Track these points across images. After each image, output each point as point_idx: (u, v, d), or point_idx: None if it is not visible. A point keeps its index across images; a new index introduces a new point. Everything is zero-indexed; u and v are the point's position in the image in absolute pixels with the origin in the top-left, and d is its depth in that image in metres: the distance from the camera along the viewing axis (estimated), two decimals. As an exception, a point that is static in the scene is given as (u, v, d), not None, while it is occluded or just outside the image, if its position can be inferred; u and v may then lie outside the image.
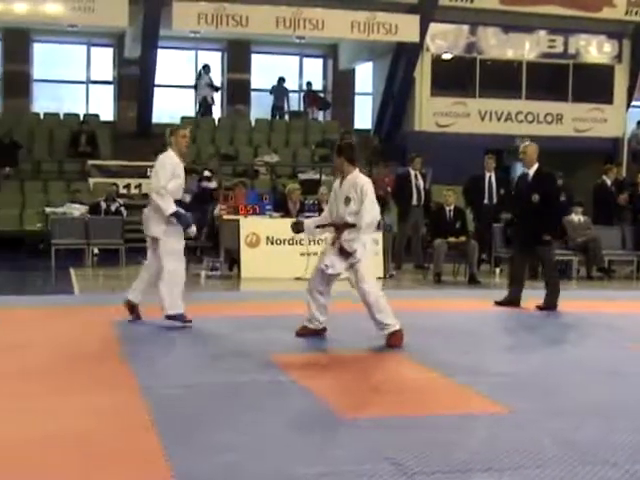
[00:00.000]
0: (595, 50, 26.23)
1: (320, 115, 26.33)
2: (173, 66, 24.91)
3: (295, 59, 26.69)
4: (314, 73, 26.62)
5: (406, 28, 23.08)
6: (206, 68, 24.33)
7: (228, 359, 7.52)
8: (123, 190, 19.63)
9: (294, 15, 22.31)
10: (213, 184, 18.24)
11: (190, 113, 24.74)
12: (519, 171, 26.18)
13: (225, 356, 7.64)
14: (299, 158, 23.51)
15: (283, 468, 4.63)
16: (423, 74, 24.63)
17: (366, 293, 8.03)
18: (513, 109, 25.34)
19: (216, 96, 25.12)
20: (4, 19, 21.52)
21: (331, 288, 8.43)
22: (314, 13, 22.51)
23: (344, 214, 8.14)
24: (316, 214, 13.62)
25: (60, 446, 4.97)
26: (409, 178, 16.21)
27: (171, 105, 24.96)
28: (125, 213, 17.50)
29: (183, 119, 24.20)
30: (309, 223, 8.84)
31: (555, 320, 10.37)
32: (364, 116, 26.59)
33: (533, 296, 10.99)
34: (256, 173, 22.03)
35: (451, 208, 14.64)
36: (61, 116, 23.80)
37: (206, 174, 18.55)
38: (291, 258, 13.74)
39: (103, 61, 25.07)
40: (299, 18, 22.37)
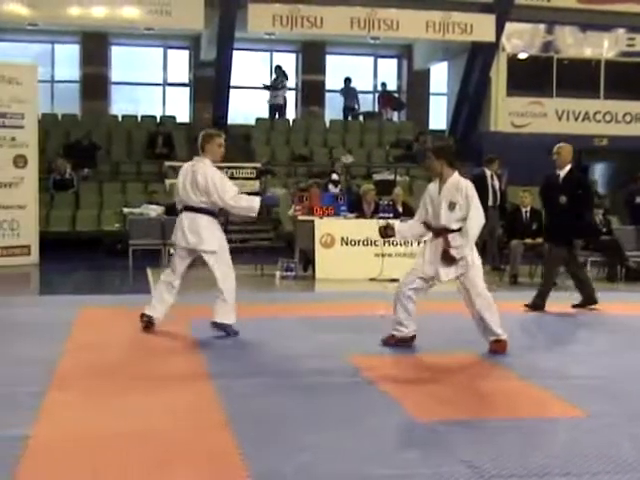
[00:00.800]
0: (675, 48, 25.73)
1: (395, 116, 26.25)
2: (248, 67, 25.05)
3: (369, 60, 26.67)
4: (388, 73, 26.57)
5: (481, 27, 22.91)
6: (279, 69, 24.42)
7: (304, 359, 7.53)
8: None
9: (368, 16, 22.28)
10: (337, 189, 18.08)
11: (265, 114, 24.86)
12: (597, 172, 26.10)
13: (301, 356, 7.66)
14: (373, 159, 23.48)
15: (359, 469, 4.62)
16: (499, 74, 24.42)
17: (482, 300, 7.75)
18: (591, 109, 24.97)
19: (289, 97, 25.19)
20: (83, 23, 21.90)
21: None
22: (388, 13, 22.46)
23: (449, 220, 7.74)
24: (391, 215, 13.61)
25: (136, 443, 5.03)
26: (485, 179, 16.05)
27: (246, 106, 25.13)
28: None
29: (258, 120, 24.40)
30: (403, 229, 8.36)
31: (633, 323, 10.19)
32: (439, 116, 26.45)
33: (618, 299, 10.85)
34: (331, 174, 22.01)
35: (527, 209, 14.47)
36: (138, 118, 24.11)
37: (334, 177, 18.50)
38: (366, 259, 13.72)
39: (179, 63, 25.34)
40: (373, 19, 22.34)
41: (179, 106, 25.09)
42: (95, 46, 24.16)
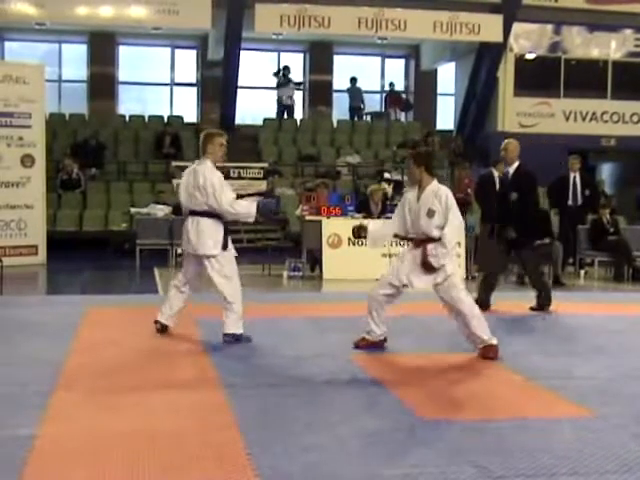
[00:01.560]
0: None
1: (402, 116, 26.25)
2: (256, 68, 25.07)
3: (377, 60, 26.69)
4: (396, 74, 26.58)
5: (489, 28, 22.91)
6: (286, 69, 24.43)
7: (311, 359, 7.53)
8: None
9: (376, 16, 22.29)
10: (390, 188, 17.99)
11: (272, 114, 24.88)
12: (605, 172, 26.06)
13: (307, 356, 7.66)
14: (381, 159, 23.47)
15: (366, 469, 4.63)
16: (506, 74, 24.41)
17: (463, 306, 7.64)
18: (598, 109, 24.95)
19: (297, 97, 25.21)
20: (90, 23, 21.96)
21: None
22: (396, 13, 22.46)
23: (428, 228, 7.67)
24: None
25: (143, 443, 5.03)
26: (492, 180, 16.01)
27: (254, 106, 25.15)
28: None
29: (265, 120, 24.42)
30: (375, 232, 8.34)
31: (636, 323, 10.17)
32: (446, 117, 26.46)
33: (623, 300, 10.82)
34: (338, 174, 22.05)
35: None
36: (146, 118, 24.14)
37: (386, 176, 18.47)
38: (373, 259, 13.69)
39: (187, 63, 25.38)
40: (381, 19, 22.35)
41: (186, 106, 25.13)
42: (103, 46, 24.22)
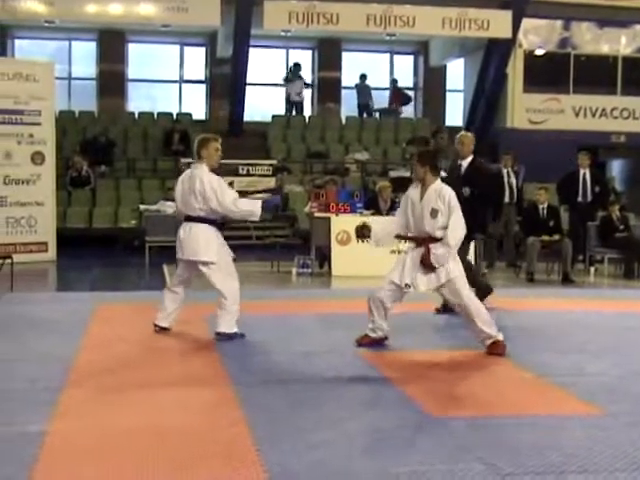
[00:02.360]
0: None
1: (410, 112, 26.18)
2: (264, 65, 25.06)
3: (385, 56, 26.64)
4: (404, 70, 26.53)
5: (498, 24, 22.85)
6: (297, 67, 24.44)
7: (319, 356, 7.54)
8: (215, 187, 19.79)
9: (384, 12, 22.27)
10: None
11: (281, 111, 24.88)
12: (614, 168, 26.00)
13: (316, 353, 7.67)
14: (390, 156, 23.46)
15: (373, 465, 4.63)
16: (515, 70, 24.35)
17: (467, 306, 7.64)
18: (608, 105, 24.86)
19: (306, 94, 25.20)
20: (100, 20, 21.96)
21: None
22: (405, 10, 22.44)
23: (431, 228, 7.68)
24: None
25: (152, 440, 5.05)
26: (501, 175, 16.01)
27: (262, 103, 25.16)
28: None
29: (274, 117, 24.42)
30: (379, 231, 8.30)
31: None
32: (455, 113, 26.39)
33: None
34: (347, 171, 22.05)
35: (544, 206, 14.42)
36: (155, 115, 24.17)
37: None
38: (382, 256, 13.65)
39: (196, 60, 25.37)
40: (390, 15, 22.33)
41: (195, 103, 25.13)
42: (112, 43, 24.23)
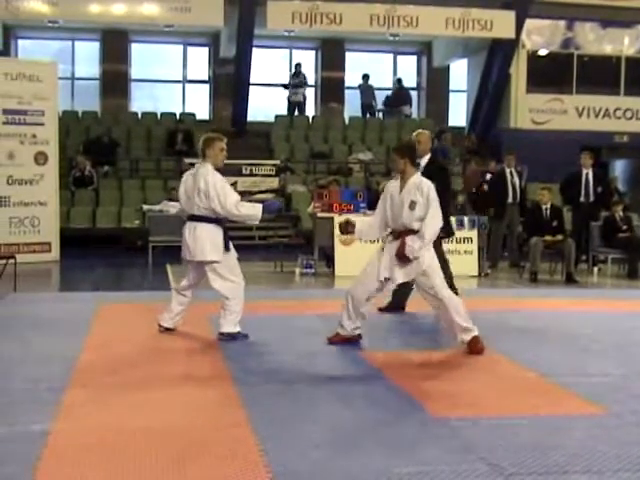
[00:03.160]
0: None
1: (413, 112, 26.17)
2: (268, 65, 25.07)
3: (389, 56, 26.64)
4: (408, 70, 26.52)
5: (501, 24, 22.85)
6: (298, 67, 24.44)
7: (322, 356, 7.54)
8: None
9: (388, 12, 22.28)
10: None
11: (284, 111, 24.89)
12: (617, 168, 25.98)
13: (319, 353, 7.67)
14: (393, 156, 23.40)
15: (377, 466, 4.63)
16: (519, 70, 24.35)
17: (442, 298, 7.64)
18: (611, 105, 24.84)
19: (309, 94, 25.20)
20: (103, 20, 21.98)
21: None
22: (408, 10, 22.44)
23: (409, 220, 7.67)
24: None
25: (156, 440, 5.04)
26: (504, 176, 16.01)
27: (266, 103, 25.16)
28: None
29: (277, 117, 24.42)
30: (363, 227, 8.25)
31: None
32: (458, 113, 26.39)
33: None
34: (350, 171, 22.05)
35: (547, 206, 14.41)
36: (158, 115, 24.17)
37: (489, 177, 18.47)
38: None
39: (199, 60, 25.40)
40: (393, 15, 22.34)
41: (199, 103, 25.15)
42: (115, 43, 24.25)
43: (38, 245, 15.77)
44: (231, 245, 8.35)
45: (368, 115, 25.39)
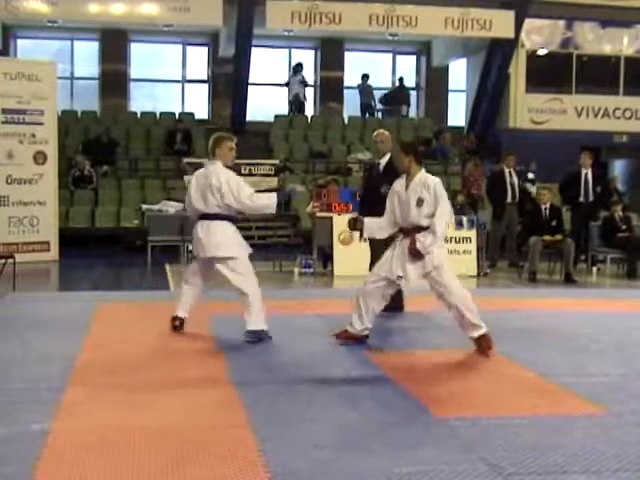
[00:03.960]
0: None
1: (412, 112, 26.17)
2: (267, 64, 25.07)
3: (388, 56, 26.64)
4: (407, 70, 26.52)
5: (501, 24, 22.86)
6: (299, 66, 24.44)
7: (322, 356, 7.53)
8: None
9: (387, 12, 22.28)
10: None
11: (283, 111, 24.89)
12: (617, 168, 26.00)
13: (319, 353, 7.66)
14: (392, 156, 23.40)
15: (377, 466, 4.62)
16: (518, 70, 24.37)
17: (457, 298, 7.64)
18: (611, 105, 24.87)
19: (308, 94, 25.20)
20: (102, 20, 21.97)
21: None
22: (407, 10, 22.45)
23: (417, 217, 7.66)
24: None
25: (156, 440, 5.04)
26: (503, 176, 16.02)
27: (265, 103, 25.16)
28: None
29: (277, 117, 24.43)
30: (372, 225, 8.18)
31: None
32: (458, 113, 26.39)
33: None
34: (349, 170, 22.04)
35: (547, 206, 14.41)
36: (157, 115, 24.17)
37: (530, 176, 18.53)
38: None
39: (198, 60, 25.40)
40: (392, 15, 22.34)
41: (198, 103, 25.15)
42: (114, 43, 24.24)
43: (37, 245, 15.77)
44: (244, 244, 8.32)
45: (367, 115, 25.39)
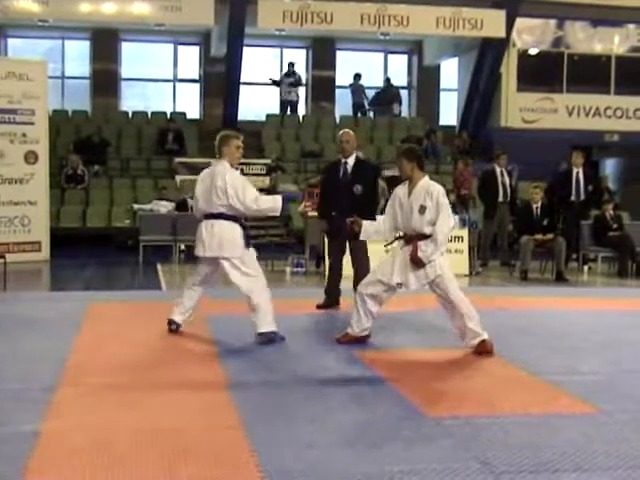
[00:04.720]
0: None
1: (403, 111, 26.18)
2: (258, 64, 25.05)
3: (379, 56, 26.64)
4: (398, 69, 26.53)
5: (492, 23, 22.87)
6: (291, 66, 24.42)
7: (314, 356, 7.54)
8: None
9: (379, 11, 22.28)
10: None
11: (275, 111, 24.87)
12: (608, 167, 26.04)
13: (311, 353, 7.66)
14: (384, 155, 23.43)
15: (370, 465, 4.63)
16: (509, 69, 24.38)
17: (458, 306, 7.64)
18: (602, 104, 24.88)
19: (301, 93, 25.18)
20: (93, 19, 21.90)
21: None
22: (399, 9, 22.43)
23: (420, 224, 7.62)
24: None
25: (148, 440, 5.03)
26: (495, 175, 16.03)
27: (256, 103, 25.14)
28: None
29: (268, 117, 24.41)
30: (370, 229, 8.12)
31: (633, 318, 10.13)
32: (449, 112, 26.39)
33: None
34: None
35: (538, 205, 14.43)
36: (149, 114, 24.12)
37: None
38: (377, 255, 13.63)
39: (189, 59, 25.35)
40: (384, 14, 22.33)
41: (189, 102, 25.10)
42: (105, 42, 24.20)
43: (28, 244, 15.72)
44: (249, 243, 8.27)
45: (359, 114, 25.38)
